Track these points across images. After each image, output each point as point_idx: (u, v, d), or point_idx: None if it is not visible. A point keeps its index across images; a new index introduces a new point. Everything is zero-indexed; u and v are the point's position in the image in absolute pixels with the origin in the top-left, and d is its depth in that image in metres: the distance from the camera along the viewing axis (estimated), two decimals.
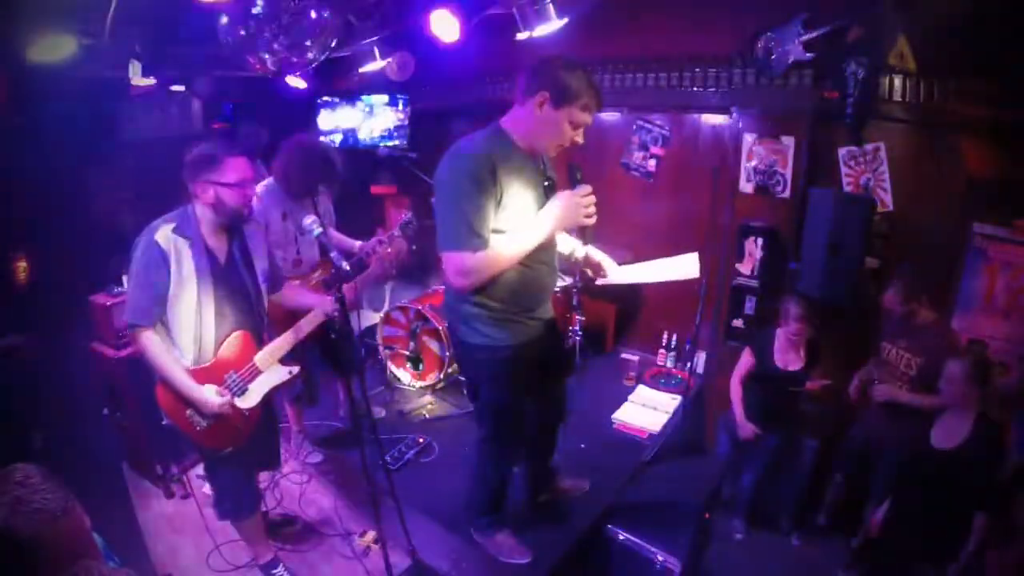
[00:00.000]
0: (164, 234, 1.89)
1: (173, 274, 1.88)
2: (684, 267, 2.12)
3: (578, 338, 3.33)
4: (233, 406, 2.03)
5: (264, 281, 2.16)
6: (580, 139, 1.90)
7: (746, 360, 3.00)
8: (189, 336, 1.96)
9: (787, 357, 2.90)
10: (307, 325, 2.20)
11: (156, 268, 1.87)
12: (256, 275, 2.12)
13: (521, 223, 1.89)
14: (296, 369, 2.20)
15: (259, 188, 2.76)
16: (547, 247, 2.00)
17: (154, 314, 1.91)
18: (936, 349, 2.58)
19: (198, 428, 2.01)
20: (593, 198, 1.86)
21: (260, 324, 2.15)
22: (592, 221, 1.88)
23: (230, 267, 2.03)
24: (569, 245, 2.20)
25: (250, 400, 2.10)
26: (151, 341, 1.91)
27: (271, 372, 2.15)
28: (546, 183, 1.97)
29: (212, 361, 2.02)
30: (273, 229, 2.73)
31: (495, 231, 1.86)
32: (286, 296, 2.33)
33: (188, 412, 1.99)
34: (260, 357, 2.11)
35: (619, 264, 2.27)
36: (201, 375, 1.98)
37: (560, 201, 1.87)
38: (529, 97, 1.83)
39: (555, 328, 2.25)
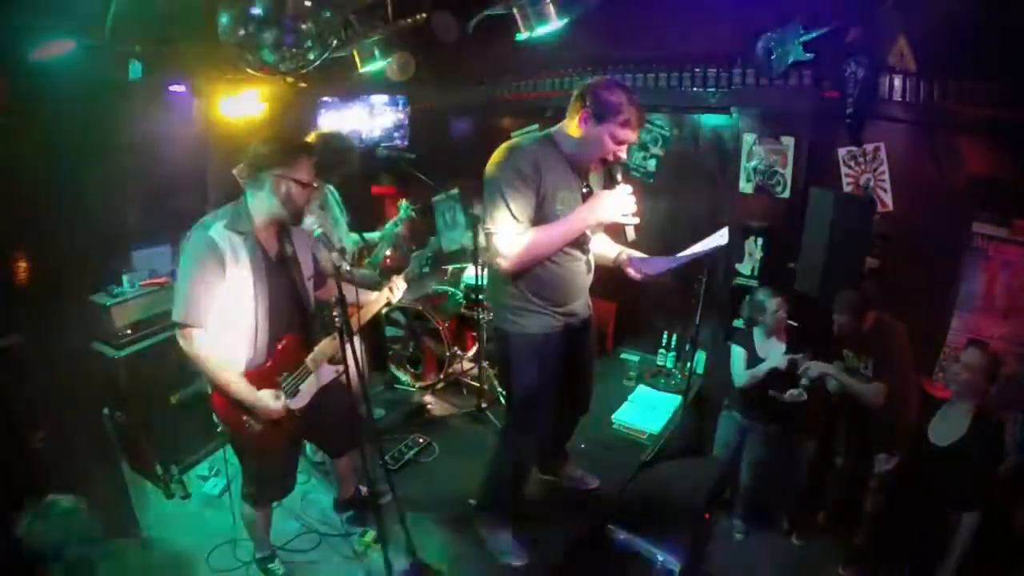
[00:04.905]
0: (219, 230, 1.86)
1: (229, 272, 1.85)
2: (715, 240, 2.18)
3: None
4: (287, 408, 2.01)
5: (310, 279, 2.16)
6: (623, 154, 2.01)
7: (741, 352, 3.00)
8: (245, 336, 1.93)
9: (767, 346, 2.93)
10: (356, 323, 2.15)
11: (212, 266, 1.83)
12: (304, 273, 2.11)
13: (558, 219, 2.01)
14: (343, 367, 2.14)
15: None
16: (580, 246, 2.13)
17: (207, 315, 1.85)
18: (885, 349, 2.68)
19: (253, 431, 1.99)
20: (633, 198, 1.98)
21: (309, 324, 2.13)
22: (631, 220, 2.00)
23: (281, 264, 2.02)
24: (612, 249, 2.32)
25: (301, 401, 2.09)
26: (207, 345, 1.86)
27: (320, 372, 2.14)
28: (584, 190, 2.10)
29: (268, 363, 1.99)
30: (327, 220, 2.83)
31: (534, 223, 2.00)
32: (330, 293, 2.25)
33: (245, 417, 1.96)
34: (312, 358, 2.10)
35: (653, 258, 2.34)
36: (256, 378, 1.95)
37: (600, 198, 2.01)
38: (574, 113, 1.97)
39: (587, 323, 2.37)
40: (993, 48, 2.56)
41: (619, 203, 1.98)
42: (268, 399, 1.93)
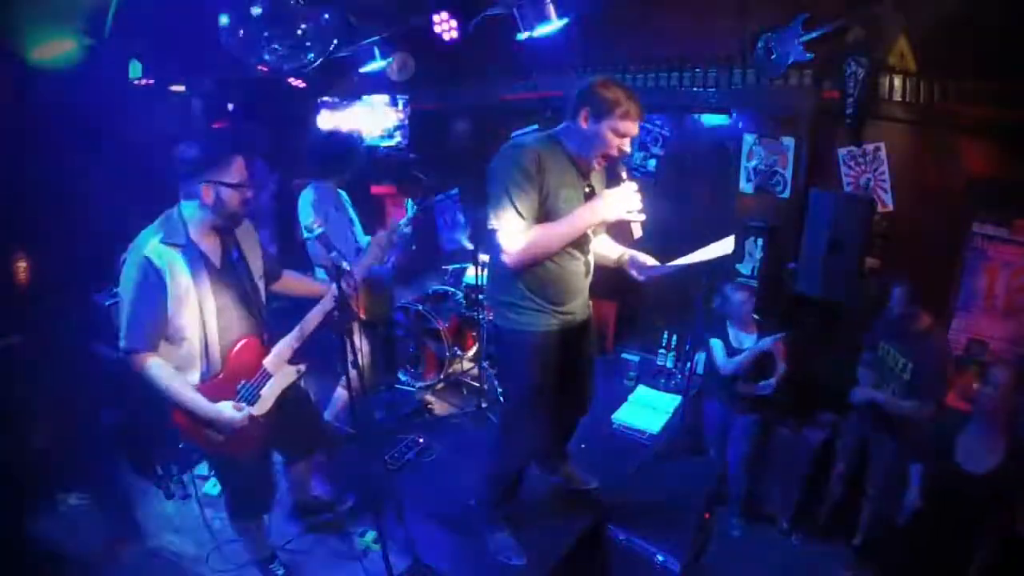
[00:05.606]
0: (153, 248, 1.78)
1: (171, 289, 1.78)
2: (720, 249, 2.17)
3: None
4: (249, 415, 1.97)
5: (260, 278, 2.11)
6: (627, 148, 2.03)
7: (720, 343, 3.05)
8: (196, 349, 1.89)
9: (739, 338, 2.99)
10: (313, 321, 2.13)
11: (151, 288, 1.76)
12: (253, 275, 2.05)
13: (562, 217, 2.03)
14: (304, 367, 2.15)
15: (309, 196, 2.91)
16: (580, 246, 2.14)
17: (155, 338, 1.80)
18: (930, 356, 2.56)
19: (217, 442, 1.96)
20: (638, 195, 2.00)
21: (263, 326, 2.08)
22: (637, 217, 2.01)
23: (227, 269, 1.95)
24: (615, 250, 2.34)
25: (264, 406, 2.03)
26: (157, 367, 1.80)
27: (281, 374, 2.09)
28: (587, 189, 2.12)
29: (222, 373, 1.95)
30: (331, 222, 2.84)
31: (536, 221, 2.01)
32: (286, 285, 2.29)
33: (207, 431, 1.92)
34: (269, 361, 2.05)
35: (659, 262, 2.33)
36: (212, 390, 1.90)
37: (605, 195, 2.02)
38: (575, 112, 2.00)
39: (586, 324, 2.37)
40: (993, 48, 2.56)
41: (624, 200, 1.99)
42: (228, 411, 1.87)
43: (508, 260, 2.02)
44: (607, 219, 2.05)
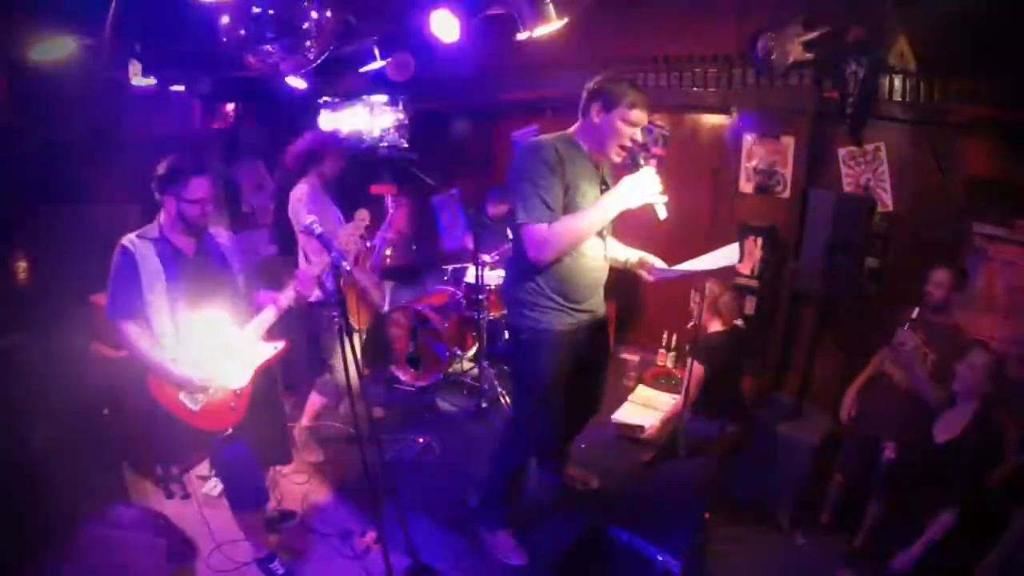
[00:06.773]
0: (129, 239, 2.11)
1: (141, 271, 2.07)
2: (726, 256, 2.22)
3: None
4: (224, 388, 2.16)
5: (239, 272, 2.30)
6: (640, 137, 2.11)
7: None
8: (168, 325, 2.11)
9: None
10: (288, 298, 2.30)
11: (124, 269, 2.08)
12: (230, 266, 2.27)
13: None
14: (281, 345, 2.31)
15: (302, 190, 2.91)
16: (598, 240, 2.19)
17: (130, 307, 2.07)
18: (953, 352, 2.52)
19: (193, 411, 2.14)
20: (658, 178, 2.04)
21: (240, 309, 2.26)
22: (661, 199, 2.04)
23: (200, 259, 2.20)
24: (623, 252, 2.39)
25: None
26: (131, 330, 2.08)
27: (257, 349, 2.26)
28: (602, 187, 2.18)
29: (193, 344, 2.14)
30: (330, 220, 2.87)
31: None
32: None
33: (180, 396, 2.12)
34: (243, 336, 2.23)
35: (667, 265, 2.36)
36: None
37: (625, 182, 2.06)
38: (587, 111, 2.11)
39: (602, 323, 2.42)
40: (992, 48, 2.56)
41: (645, 184, 2.03)
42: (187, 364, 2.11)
43: (537, 254, 2.06)
44: (631, 205, 2.07)
